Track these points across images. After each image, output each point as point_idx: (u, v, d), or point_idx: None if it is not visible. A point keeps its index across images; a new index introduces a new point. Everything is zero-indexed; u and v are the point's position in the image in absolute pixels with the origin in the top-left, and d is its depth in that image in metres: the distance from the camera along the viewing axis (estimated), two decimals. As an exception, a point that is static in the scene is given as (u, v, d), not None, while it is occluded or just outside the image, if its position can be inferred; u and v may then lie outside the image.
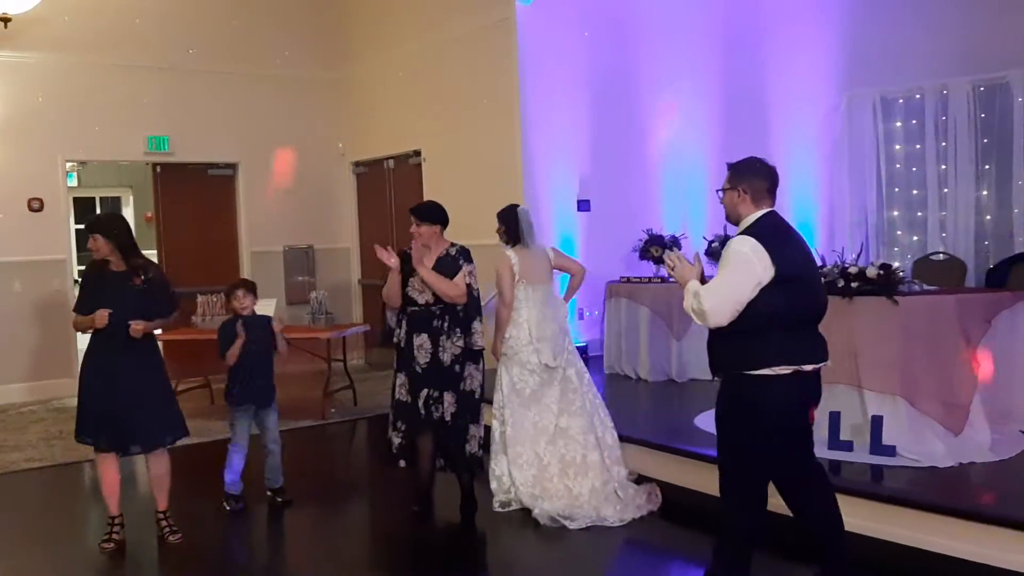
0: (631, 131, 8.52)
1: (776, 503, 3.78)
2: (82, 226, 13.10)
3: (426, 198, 9.12)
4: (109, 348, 4.53)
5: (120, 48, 9.24)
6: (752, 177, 3.62)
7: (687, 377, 7.15)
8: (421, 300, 4.91)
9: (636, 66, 8.47)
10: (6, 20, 6.95)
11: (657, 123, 8.39)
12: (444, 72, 8.88)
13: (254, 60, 9.92)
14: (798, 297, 3.53)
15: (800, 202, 8.15)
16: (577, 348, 8.09)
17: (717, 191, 3.76)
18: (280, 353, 5.39)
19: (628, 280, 7.56)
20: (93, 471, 5.46)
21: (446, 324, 4.88)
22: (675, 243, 7.76)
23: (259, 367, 5.29)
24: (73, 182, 12.72)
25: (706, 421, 5.67)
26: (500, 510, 5.06)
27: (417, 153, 9.30)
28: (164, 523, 4.78)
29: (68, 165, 12.23)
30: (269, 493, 5.37)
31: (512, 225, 5.23)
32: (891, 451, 4.65)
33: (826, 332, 5.02)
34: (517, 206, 5.34)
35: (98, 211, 13.16)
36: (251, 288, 5.45)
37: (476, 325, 4.94)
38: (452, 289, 4.81)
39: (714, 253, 7.40)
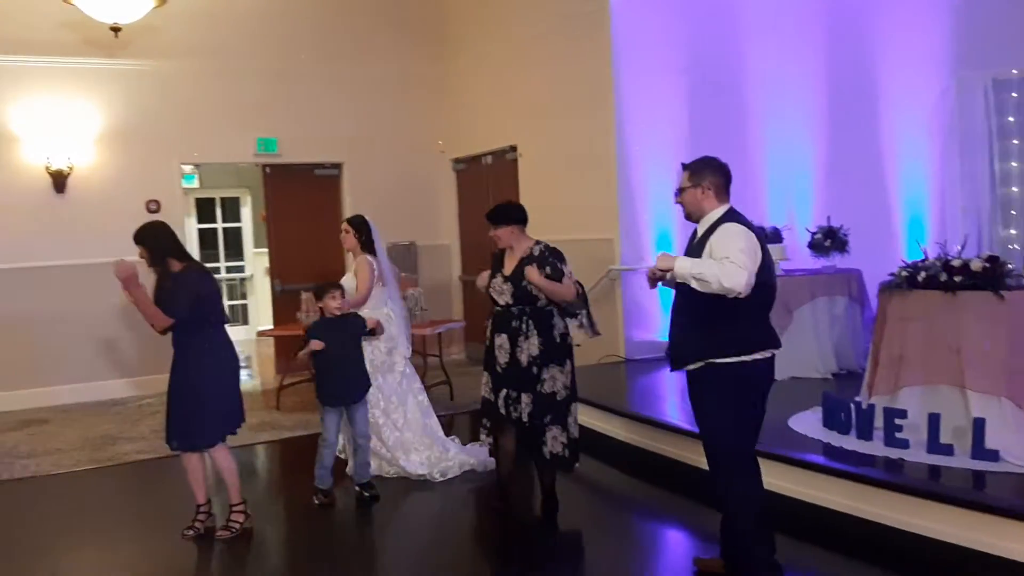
0: (732, 119, 8.24)
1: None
2: (204, 226, 13.70)
3: (522, 194, 9.15)
4: None
5: (230, 53, 9.58)
6: (712, 173, 3.78)
7: (787, 375, 6.80)
8: (501, 301, 4.91)
9: (736, 51, 8.21)
10: (116, 30, 7.30)
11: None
12: (538, 65, 8.84)
13: (357, 61, 10.13)
14: (768, 284, 3.71)
15: (910, 190, 7.74)
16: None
17: (675, 192, 3.89)
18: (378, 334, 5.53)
19: (725, 274, 7.31)
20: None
21: (525, 325, 4.84)
22: (776, 235, 7.49)
23: (348, 367, 5.36)
24: (194, 183, 13.28)
25: (800, 422, 5.48)
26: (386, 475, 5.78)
27: (513, 148, 9.29)
28: (228, 516, 4.94)
29: (189, 167, 12.89)
30: (357, 488, 5.46)
31: (367, 234, 5.82)
32: (994, 456, 4.35)
33: (928, 328, 4.83)
34: (364, 216, 5.95)
35: (218, 212, 13.71)
36: (342, 289, 5.52)
37: (582, 318, 4.93)
38: (565, 291, 4.79)
39: (817, 245, 7.12)
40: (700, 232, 3.83)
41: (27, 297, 8.79)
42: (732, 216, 3.73)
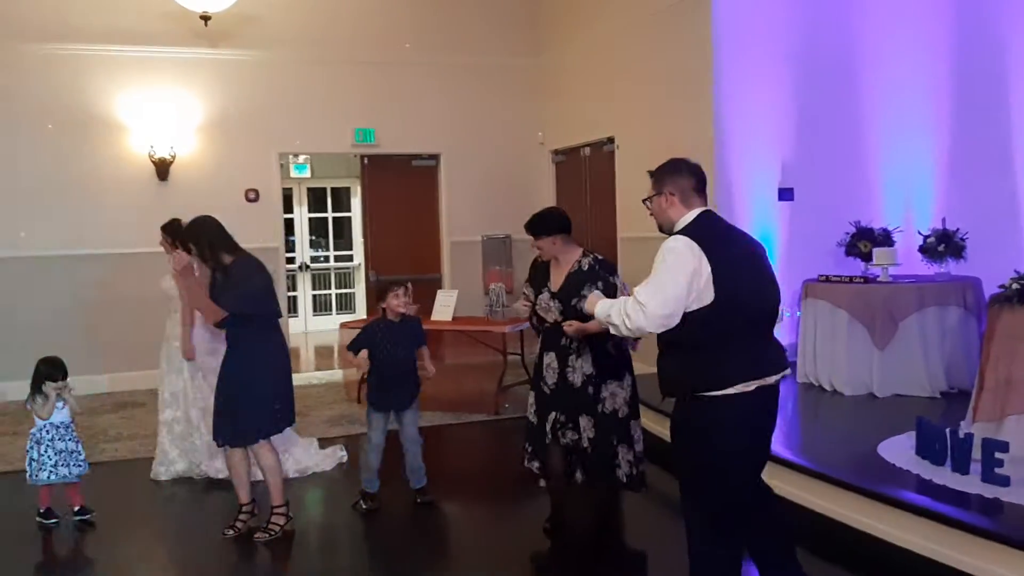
0: (844, 110, 7.60)
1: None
2: (315, 215, 13.87)
3: (618, 187, 8.75)
4: None
5: (329, 43, 9.56)
6: (675, 177, 3.36)
7: (890, 392, 6.22)
8: (549, 319, 4.54)
9: (848, 37, 7.54)
10: (206, 18, 7.35)
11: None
12: (636, 53, 8.41)
13: (456, 50, 9.95)
14: (747, 301, 3.18)
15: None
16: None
17: (644, 201, 3.47)
18: (425, 373, 5.22)
19: (827, 279, 6.71)
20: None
21: (575, 342, 4.45)
22: (886, 238, 6.84)
23: (401, 372, 5.11)
24: (306, 173, 13.46)
25: (892, 448, 4.91)
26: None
27: (611, 140, 8.88)
28: (268, 518, 4.81)
29: (302, 158, 13.06)
30: (415, 492, 5.23)
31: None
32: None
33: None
34: (178, 219, 5.71)
35: (328, 201, 13.84)
36: (407, 288, 5.27)
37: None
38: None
39: (929, 250, 6.44)
40: None
41: (129, 282, 8.93)
42: (693, 226, 3.23)
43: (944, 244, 6.36)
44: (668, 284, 3.09)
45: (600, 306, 3.33)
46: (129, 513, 5.38)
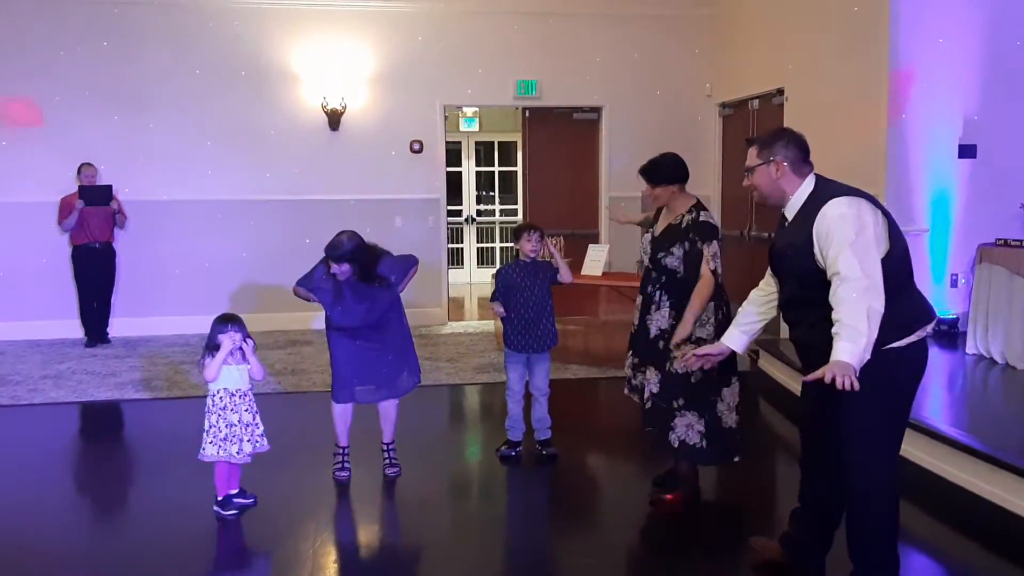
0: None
1: None
2: (483, 169, 14.05)
3: (783, 142, 8.34)
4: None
5: (494, -6, 9.62)
6: (784, 146, 3.20)
7: None
8: (645, 260, 4.48)
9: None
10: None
11: None
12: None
13: (621, 0, 9.77)
14: (904, 252, 3.10)
15: None
16: (947, 321, 6.95)
17: (745, 171, 3.30)
18: (562, 279, 5.18)
19: (1006, 243, 6.18)
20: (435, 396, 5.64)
21: (657, 294, 4.33)
22: (1078, 200, 6.20)
23: (537, 314, 5.13)
24: (474, 127, 13.64)
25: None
26: None
27: (780, 92, 8.47)
28: (385, 455, 5.04)
29: (471, 111, 13.24)
30: (537, 445, 5.24)
31: None
32: None
33: None
34: None
35: (496, 155, 13.97)
36: (541, 232, 5.29)
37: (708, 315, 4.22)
38: (697, 295, 4.16)
39: None
40: (791, 218, 3.24)
41: (305, 227, 9.23)
42: (824, 189, 3.12)
43: None
44: (871, 251, 2.93)
45: (847, 353, 2.83)
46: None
